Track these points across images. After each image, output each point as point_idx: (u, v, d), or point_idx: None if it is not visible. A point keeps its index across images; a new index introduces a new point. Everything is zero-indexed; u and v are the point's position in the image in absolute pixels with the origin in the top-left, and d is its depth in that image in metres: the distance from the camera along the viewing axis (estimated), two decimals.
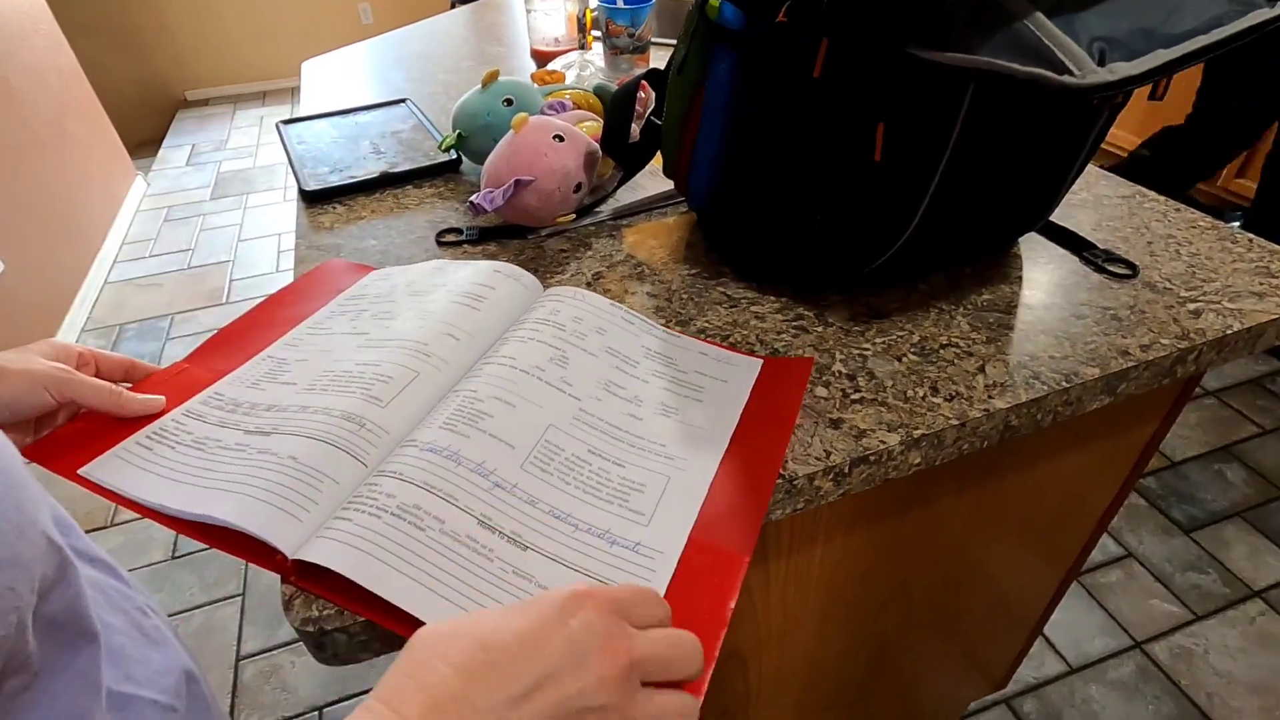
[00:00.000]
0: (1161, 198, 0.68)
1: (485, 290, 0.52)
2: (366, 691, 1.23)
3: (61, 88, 2.45)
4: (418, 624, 0.33)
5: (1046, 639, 1.23)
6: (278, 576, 0.36)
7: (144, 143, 3.28)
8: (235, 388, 0.47)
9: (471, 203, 0.60)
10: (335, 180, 0.75)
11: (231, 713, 1.18)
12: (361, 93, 1.01)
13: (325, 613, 0.35)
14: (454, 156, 0.77)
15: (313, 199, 0.73)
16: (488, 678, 0.25)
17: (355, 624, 0.35)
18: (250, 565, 1.42)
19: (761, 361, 0.50)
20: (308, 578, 0.35)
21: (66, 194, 2.28)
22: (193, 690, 0.31)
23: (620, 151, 0.64)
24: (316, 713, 1.18)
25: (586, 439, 0.43)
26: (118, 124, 2.81)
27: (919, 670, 0.86)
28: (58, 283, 2.12)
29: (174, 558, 1.45)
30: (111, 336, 2.09)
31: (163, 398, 0.46)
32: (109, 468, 0.41)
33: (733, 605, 0.36)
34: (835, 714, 0.83)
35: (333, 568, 0.34)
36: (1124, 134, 2.26)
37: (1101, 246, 0.61)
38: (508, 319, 0.51)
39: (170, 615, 1.33)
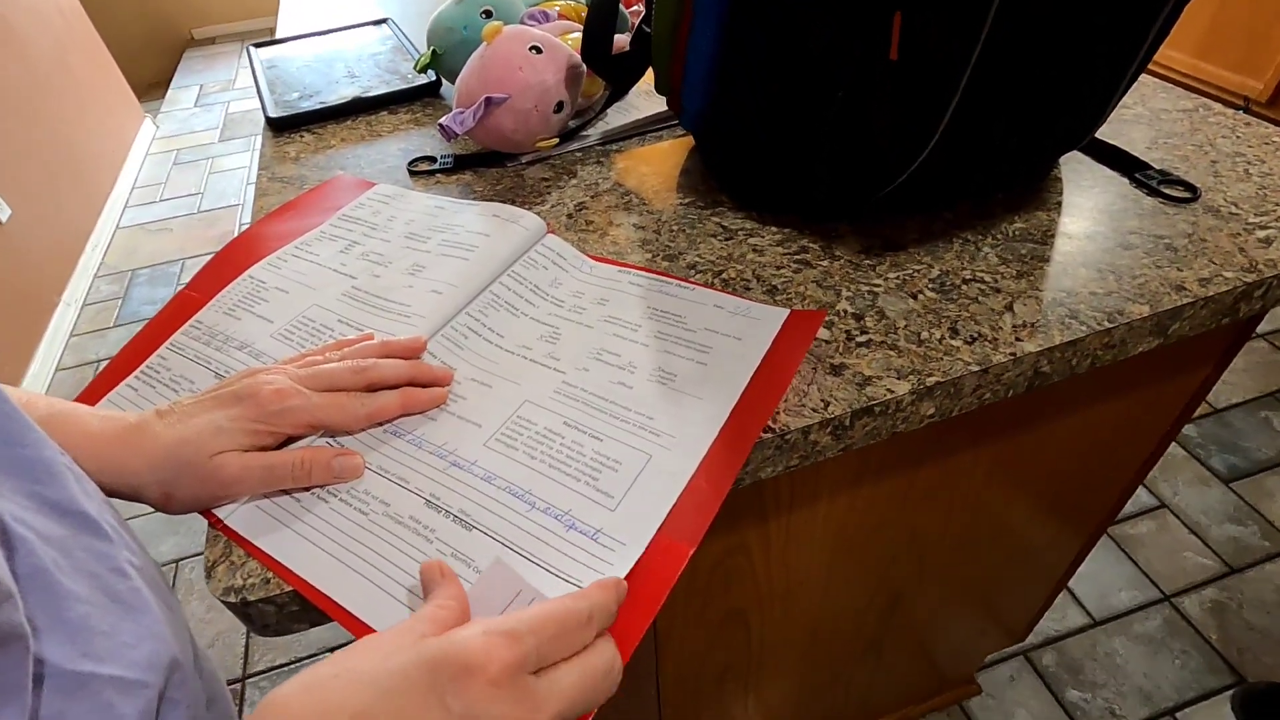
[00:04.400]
0: (1230, 110, 0.60)
1: (479, 239, 0.49)
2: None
3: (64, 28, 2.38)
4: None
5: (1070, 591, 1.19)
6: None
7: (152, 84, 3.21)
8: (213, 313, 0.47)
9: (441, 126, 0.54)
10: (305, 106, 0.69)
11: (246, 654, 1.20)
12: (346, 14, 0.94)
13: (249, 581, 0.32)
14: (432, 78, 0.71)
15: (280, 126, 0.67)
16: None
17: (283, 594, 0.32)
18: None
19: (787, 311, 0.42)
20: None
21: (73, 138, 2.24)
22: (173, 663, 0.27)
23: (604, 64, 0.57)
24: (329, 652, 1.20)
25: (563, 411, 0.38)
26: (124, 65, 2.75)
27: (933, 623, 0.83)
28: (68, 228, 2.11)
29: None
30: (124, 282, 2.08)
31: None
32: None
33: (661, 603, 0.30)
34: (845, 667, 0.81)
35: (255, 542, 0.33)
36: (1181, 55, 2.07)
37: (1157, 167, 0.53)
38: (502, 264, 0.48)
39: (174, 562, 1.35)
